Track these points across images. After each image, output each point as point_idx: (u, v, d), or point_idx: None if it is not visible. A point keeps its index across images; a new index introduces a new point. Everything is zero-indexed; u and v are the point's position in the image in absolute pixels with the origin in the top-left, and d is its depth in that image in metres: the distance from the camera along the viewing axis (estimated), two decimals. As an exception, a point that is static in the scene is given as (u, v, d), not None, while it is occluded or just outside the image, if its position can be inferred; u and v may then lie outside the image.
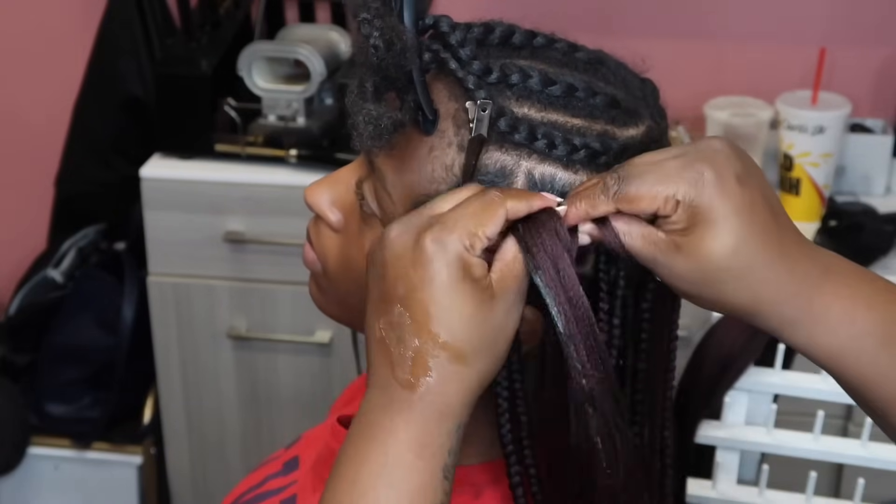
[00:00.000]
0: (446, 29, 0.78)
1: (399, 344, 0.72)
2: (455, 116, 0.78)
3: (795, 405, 1.38)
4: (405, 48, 0.74)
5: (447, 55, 0.78)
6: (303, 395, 2.27)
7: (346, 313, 0.88)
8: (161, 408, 2.33)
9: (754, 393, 1.32)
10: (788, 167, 2.12)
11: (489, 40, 0.80)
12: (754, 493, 1.31)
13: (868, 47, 2.31)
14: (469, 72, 0.77)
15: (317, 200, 0.86)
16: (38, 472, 2.42)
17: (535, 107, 0.77)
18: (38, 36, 2.53)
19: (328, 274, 0.87)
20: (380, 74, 0.75)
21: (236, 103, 2.18)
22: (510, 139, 0.76)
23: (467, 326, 0.72)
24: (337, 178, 0.86)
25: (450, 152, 0.78)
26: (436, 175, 0.78)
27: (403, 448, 0.71)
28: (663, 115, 0.84)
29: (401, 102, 0.76)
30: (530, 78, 0.78)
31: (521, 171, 0.77)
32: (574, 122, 0.78)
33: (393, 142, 0.77)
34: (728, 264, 0.73)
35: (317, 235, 0.87)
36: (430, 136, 0.78)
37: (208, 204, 2.17)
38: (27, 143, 2.60)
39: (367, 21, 0.74)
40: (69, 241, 2.48)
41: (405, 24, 0.76)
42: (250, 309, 2.22)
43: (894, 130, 2.25)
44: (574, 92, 0.78)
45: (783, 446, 1.30)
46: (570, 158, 0.77)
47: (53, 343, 2.37)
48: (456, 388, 0.72)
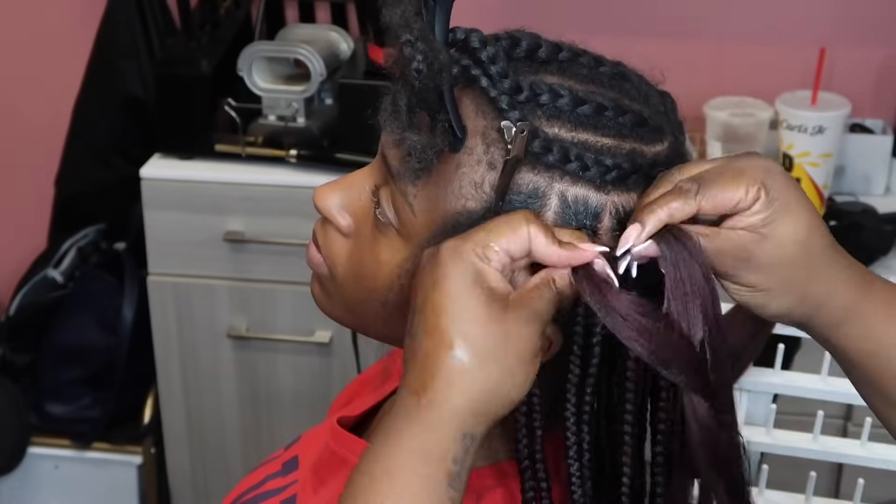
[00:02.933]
0: (477, 45, 0.78)
1: (413, 350, 0.73)
2: (484, 134, 0.77)
3: (795, 405, 1.38)
4: (442, 69, 0.74)
5: (478, 72, 0.78)
6: (303, 395, 2.27)
7: (353, 318, 0.88)
8: (161, 408, 2.33)
9: (754, 393, 1.32)
10: (788, 167, 2.12)
11: (515, 54, 0.80)
12: (754, 493, 1.31)
13: (868, 47, 2.31)
14: (501, 91, 0.77)
15: (327, 204, 0.85)
16: (38, 472, 2.42)
17: (565, 127, 0.77)
18: (38, 36, 2.53)
19: (336, 279, 0.86)
20: (416, 95, 0.75)
21: (236, 103, 2.18)
22: (543, 160, 0.76)
23: (474, 328, 0.71)
24: (350, 183, 0.85)
25: (479, 169, 0.77)
26: (463, 192, 0.78)
27: (406, 454, 0.71)
28: (682, 129, 0.85)
29: (433, 121, 0.76)
30: (561, 97, 0.78)
31: (554, 192, 0.77)
32: (604, 142, 0.78)
33: None
34: (806, 250, 0.76)
35: (324, 238, 0.86)
36: (457, 152, 0.78)
37: (208, 204, 2.17)
38: (27, 143, 2.60)
39: (410, 43, 0.74)
40: (69, 241, 2.48)
41: (438, 40, 0.75)
42: (250, 309, 2.22)
43: (894, 130, 2.25)
44: (603, 111, 0.78)
45: (783, 446, 1.30)
46: (603, 179, 0.77)
47: (53, 343, 2.37)
48: (461, 391, 0.71)
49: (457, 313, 0.71)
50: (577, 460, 0.79)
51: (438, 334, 0.71)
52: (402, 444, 0.71)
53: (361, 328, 0.89)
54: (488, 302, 0.72)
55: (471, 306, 0.71)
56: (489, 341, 0.72)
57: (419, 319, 0.73)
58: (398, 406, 0.73)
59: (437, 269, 0.72)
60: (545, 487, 0.80)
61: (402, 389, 0.74)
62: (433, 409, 0.71)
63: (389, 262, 0.82)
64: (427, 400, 0.71)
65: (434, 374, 0.71)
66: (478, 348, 0.71)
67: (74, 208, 2.51)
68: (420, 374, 0.72)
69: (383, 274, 0.82)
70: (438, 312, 0.72)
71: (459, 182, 0.78)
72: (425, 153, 0.76)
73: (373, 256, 0.83)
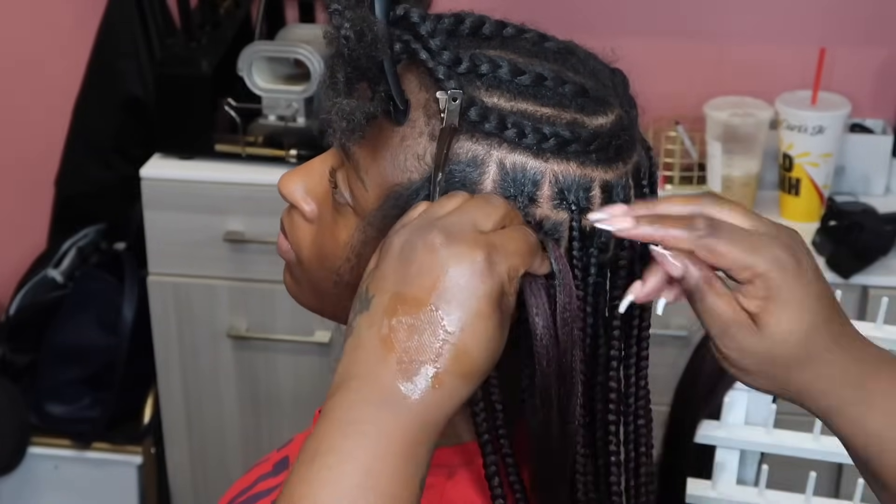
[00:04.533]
0: (416, 20, 0.79)
1: (415, 348, 0.70)
2: (426, 106, 0.78)
3: (795, 405, 1.38)
4: (376, 39, 0.75)
5: (417, 45, 0.78)
6: (302, 395, 2.27)
7: (321, 302, 0.89)
8: (161, 408, 2.33)
9: (754, 393, 1.32)
10: (788, 167, 2.12)
11: (459, 31, 0.81)
12: (754, 493, 1.31)
13: (868, 47, 2.31)
14: (439, 62, 0.78)
15: (290, 190, 0.86)
16: (38, 472, 2.42)
17: (504, 96, 0.78)
18: (38, 36, 2.53)
19: (302, 263, 0.87)
20: (351, 65, 0.76)
21: (236, 103, 2.18)
22: (480, 129, 0.77)
23: (486, 350, 0.71)
24: (310, 168, 0.87)
25: (421, 141, 0.78)
26: (408, 164, 0.79)
27: (392, 452, 0.69)
28: (633, 104, 0.85)
29: (372, 93, 0.77)
30: (500, 68, 0.78)
31: (493, 160, 0.77)
32: (543, 111, 0.78)
33: (366, 132, 0.78)
34: (799, 349, 0.74)
35: (291, 225, 0.87)
36: (401, 126, 0.79)
37: (208, 204, 2.17)
38: (27, 143, 2.60)
39: (337, 12, 0.75)
40: (69, 241, 2.48)
41: (376, 15, 0.76)
42: (250, 309, 2.22)
43: (894, 130, 2.25)
44: (543, 81, 0.79)
45: (783, 446, 1.30)
46: (540, 147, 0.77)
47: (53, 343, 2.38)
48: (453, 404, 0.72)
49: (475, 333, 0.71)
50: None
51: (454, 348, 0.70)
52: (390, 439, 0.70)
53: (330, 313, 0.90)
54: (500, 323, 0.72)
55: (489, 328, 0.71)
56: (490, 361, 0.72)
57: (430, 321, 0.71)
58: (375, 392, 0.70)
59: (474, 281, 0.71)
60: (511, 463, 0.80)
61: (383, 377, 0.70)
62: (426, 414, 0.71)
63: (348, 242, 0.83)
64: (420, 402, 0.70)
65: (440, 383, 0.71)
66: (482, 369, 0.72)
67: (74, 208, 2.51)
68: (422, 376, 0.70)
69: (343, 253, 0.83)
70: (461, 327, 0.70)
71: (404, 155, 0.79)
72: (353, 115, 0.76)
73: (333, 238, 0.84)
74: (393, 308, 0.71)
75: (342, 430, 0.70)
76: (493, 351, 0.72)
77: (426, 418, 0.71)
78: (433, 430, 0.71)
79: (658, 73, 2.29)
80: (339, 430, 0.70)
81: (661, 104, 2.25)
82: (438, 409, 0.71)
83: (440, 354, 0.70)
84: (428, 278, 0.71)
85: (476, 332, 0.71)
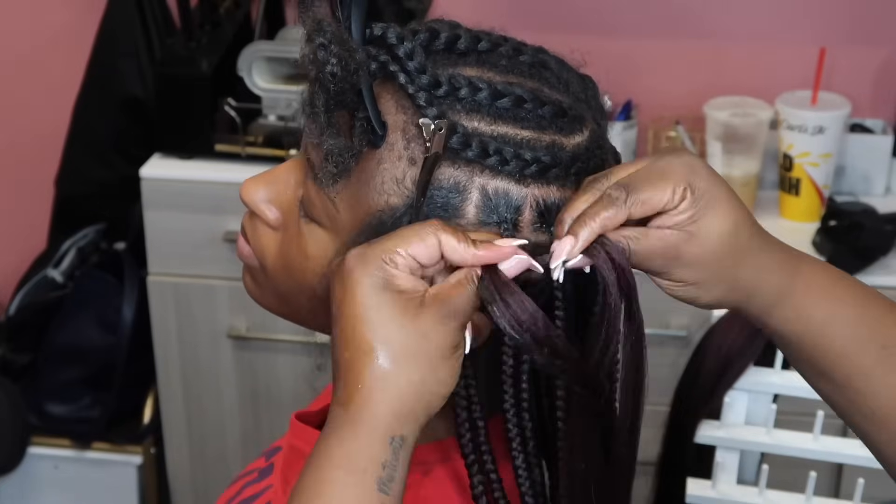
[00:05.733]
0: (394, 41, 0.78)
1: (337, 362, 0.74)
2: (404, 129, 0.78)
3: (795, 405, 1.38)
4: (357, 68, 0.75)
5: (395, 67, 0.78)
6: (302, 395, 2.27)
7: (285, 308, 0.89)
8: (161, 408, 2.33)
9: (754, 393, 1.32)
10: (788, 167, 2.12)
11: (434, 46, 0.80)
12: (754, 493, 1.31)
13: (868, 47, 2.31)
14: (419, 86, 0.77)
15: (252, 198, 0.86)
16: (38, 472, 2.42)
17: (484, 120, 0.78)
18: (38, 36, 2.53)
19: (267, 271, 0.87)
20: (333, 98, 0.76)
21: (236, 103, 2.18)
22: (462, 155, 0.77)
23: (388, 330, 0.72)
24: (275, 177, 0.86)
25: (400, 165, 0.78)
26: (385, 187, 0.78)
27: (334, 465, 0.72)
28: (604, 113, 0.85)
29: (351, 119, 0.77)
30: (480, 91, 0.78)
31: (475, 186, 0.77)
32: (523, 135, 0.78)
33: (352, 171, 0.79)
34: (732, 242, 0.78)
35: (253, 231, 0.87)
36: (377, 148, 0.78)
37: (208, 204, 2.17)
38: (27, 143, 2.60)
39: (323, 46, 0.74)
40: (69, 241, 2.48)
41: (353, 36, 0.76)
42: (250, 309, 2.22)
43: (894, 130, 2.25)
44: (522, 104, 0.79)
45: (783, 446, 1.30)
46: (522, 173, 0.78)
47: (53, 343, 2.37)
48: (382, 396, 0.72)
49: (371, 319, 0.72)
50: (522, 451, 0.81)
51: (355, 343, 0.72)
52: (330, 456, 0.72)
53: (293, 318, 0.90)
54: (401, 303, 0.73)
55: (384, 310, 0.72)
56: (407, 342, 0.73)
57: (338, 330, 0.74)
58: (329, 418, 0.74)
59: (347, 278, 0.73)
60: (492, 469, 0.81)
61: (332, 402, 0.74)
62: (358, 418, 0.72)
63: (317, 256, 0.82)
64: (354, 408, 0.72)
65: (357, 383, 0.72)
66: (396, 351, 0.72)
67: (74, 208, 2.51)
68: (345, 385, 0.73)
69: (312, 267, 0.83)
70: (354, 320, 0.73)
71: (381, 178, 0.78)
72: (342, 157, 0.77)
73: (300, 250, 0.83)
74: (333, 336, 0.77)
75: (308, 463, 0.74)
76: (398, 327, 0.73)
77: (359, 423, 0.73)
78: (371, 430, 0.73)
79: (658, 73, 2.30)
80: (308, 463, 0.74)
81: (661, 104, 2.25)
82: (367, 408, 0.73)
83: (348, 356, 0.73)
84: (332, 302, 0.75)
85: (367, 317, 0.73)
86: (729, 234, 0.77)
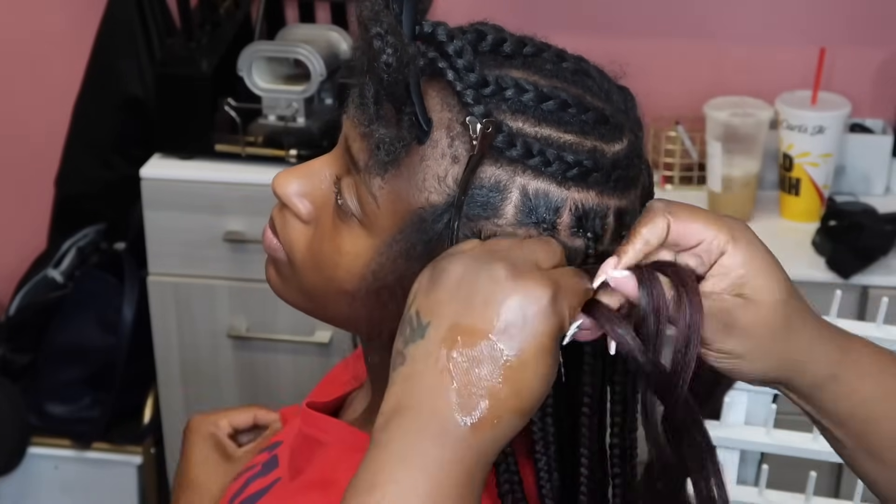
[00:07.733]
0: (444, 38, 0.78)
1: (474, 381, 0.70)
2: (449, 127, 0.78)
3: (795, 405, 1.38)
4: (409, 61, 0.75)
5: (444, 64, 0.78)
6: (303, 395, 2.26)
7: (310, 303, 0.88)
8: (161, 408, 2.33)
9: (754, 393, 1.32)
10: (788, 167, 2.12)
11: (481, 47, 0.81)
12: (754, 493, 1.31)
13: (868, 47, 2.31)
14: (467, 84, 0.77)
15: (285, 191, 0.86)
16: (38, 472, 2.42)
17: (529, 121, 0.78)
18: (38, 36, 2.53)
19: (294, 264, 0.86)
20: (383, 87, 0.75)
21: (236, 103, 2.18)
22: (506, 154, 0.77)
23: (543, 386, 0.72)
24: (309, 171, 0.86)
25: (443, 163, 0.78)
26: (427, 184, 0.78)
27: (451, 484, 0.69)
28: (641, 126, 0.85)
29: (398, 113, 0.77)
30: (526, 92, 0.78)
31: (516, 186, 0.77)
32: (566, 138, 0.78)
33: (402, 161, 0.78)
34: (786, 312, 0.76)
35: (282, 224, 0.87)
36: (422, 144, 0.78)
37: (208, 204, 2.17)
38: (27, 143, 2.60)
39: (380, 36, 0.74)
40: (69, 241, 2.48)
41: (404, 32, 0.76)
42: (250, 309, 2.22)
43: (894, 130, 2.25)
44: (567, 108, 0.79)
45: (783, 446, 1.30)
46: (564, 175, 0.78)
47: (53, 343, 2.38)
48: (508, 437, 0.72)
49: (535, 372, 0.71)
50: (545, 454, 0.81)
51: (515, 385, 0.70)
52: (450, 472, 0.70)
53: (317, 313, 0.89)
54: (555, 360, 0.72)
55: (547, 365, 0.71)
56: (541, 398, 0.72)
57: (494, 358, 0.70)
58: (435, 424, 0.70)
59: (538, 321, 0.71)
60: (517, 480, 0.81)
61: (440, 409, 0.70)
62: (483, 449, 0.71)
63: (351, 252, 0.82)
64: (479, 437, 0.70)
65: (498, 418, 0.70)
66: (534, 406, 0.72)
67: (74, 208, 2.51)
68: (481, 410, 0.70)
69: (345, 263, 0.82)
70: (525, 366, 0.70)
71: (423, 175, 0.78)
72: (394, 146, 0.76)
73: (333, 245, 0.83)
74: (452, 338, 0.70)
75: (402, 462, 0.69)
76: (548, 386, 0.72)
77: (482, 450, 0.70)
78: (488, 461, 0.71)
79: (658, 73, 2.29)
80: (398, 461, 0.69)
81: (661, 104, 2.25)
82: (494, 442, 0.71)
83: (499, 389, 0.70)
84: (491, 310, 0.70)
85: (536, 369, 0.71)
86: (783, 302, 0.76)
